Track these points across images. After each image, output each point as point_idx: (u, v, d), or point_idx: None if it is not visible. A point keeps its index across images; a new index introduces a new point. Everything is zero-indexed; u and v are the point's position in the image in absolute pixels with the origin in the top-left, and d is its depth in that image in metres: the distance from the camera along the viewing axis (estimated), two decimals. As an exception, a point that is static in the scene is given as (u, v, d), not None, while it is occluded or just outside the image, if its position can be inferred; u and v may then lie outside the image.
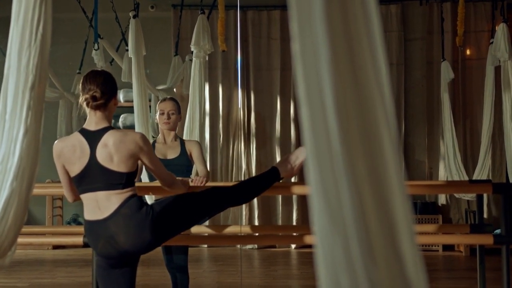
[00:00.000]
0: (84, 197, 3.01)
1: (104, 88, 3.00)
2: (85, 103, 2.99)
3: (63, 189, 3.18)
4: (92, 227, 2.99)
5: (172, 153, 4.42)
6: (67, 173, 3.04)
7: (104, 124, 2.99)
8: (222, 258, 7.86)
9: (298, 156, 3.38)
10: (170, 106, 4.45)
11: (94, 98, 2.97)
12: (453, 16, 8.26)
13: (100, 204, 2.96)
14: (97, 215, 2.97)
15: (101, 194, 2.95)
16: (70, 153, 2.96)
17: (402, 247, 1.33)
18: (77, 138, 2.97)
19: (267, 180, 3.41)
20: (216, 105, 8.89)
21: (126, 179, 2.96)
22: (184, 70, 7.51)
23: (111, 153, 2.92)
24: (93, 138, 2.96)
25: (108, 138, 2.93)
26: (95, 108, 2.98)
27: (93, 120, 3.00)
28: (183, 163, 4.43)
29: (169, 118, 4.41)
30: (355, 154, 1.33)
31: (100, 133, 2.96)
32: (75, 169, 2.97)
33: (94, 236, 3.00)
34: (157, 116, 4.47)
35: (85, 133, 2.98)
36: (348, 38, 1.35)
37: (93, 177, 2.94)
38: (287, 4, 1.40)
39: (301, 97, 1.37)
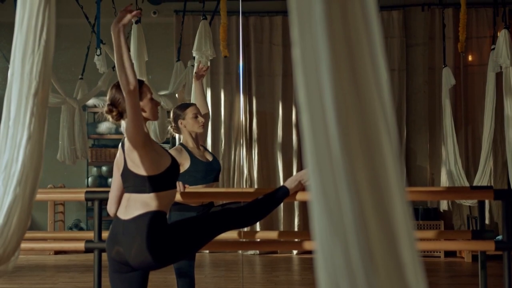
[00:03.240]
0: (123, 196, 3.15)
1: (116, 99, 3.09)
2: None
3: (108, 201, 3.27)
4: (115, 223, 3.08)
5: (208, 156, 4.40)
6: (119, 182, 3.17)
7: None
8: (224, 264, 7.86)
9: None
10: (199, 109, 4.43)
11: (107, 111, 3.09)
12: (455, 22, 8.27)
13: (128, 204, 3.06)
14: (122, 214, 3.06)
15: (132, 196, 3.06)
16: (118, 158, 3.15)
17: (402, 253, 1.33)
18: (120, 147, 3.14)
19: (277, 201, 3.45)
20: (218, 111, 8.90)
21: (150, 183, 3.02)
22: (186, 75, 7.52)
23: (129, 156, 3.03)
24: (123, 146, 3.10)
25: (126, 146, 3.05)
26: (115, 120, 3.12)
27: (122, 126, 3.13)
28: (219, 163, 4.47)
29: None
30: (356, 160, 1.34)
31: (125, 141, 3.08)
32: (120, 171, 3.13)
33: (112, 236, 3.06)
34: (187, 120, 4.32)
35: (121, 142, 3.14)
36: (348, 44, 1.36)
37: (126, 179, 3.09)
38: (288, 10, 1.41)
39: (301, 103, 1.38)
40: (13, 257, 2.46)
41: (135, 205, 3.02)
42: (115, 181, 3.22)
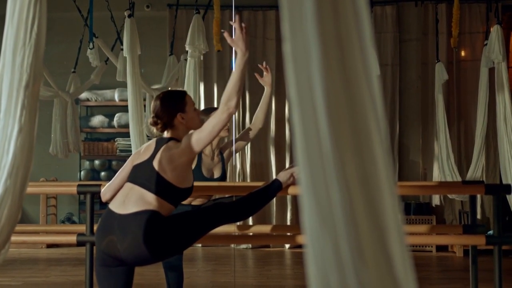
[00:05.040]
0: (124, 185, 3.17)
1: (160, 111, 3.22)
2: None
3: (107, 184, 3.34)
4: (108, 217, 3.06)
5: (217, 171, 4.31)
6: (127, 173, 3.21)
7: (169, 136, 3.23)
8: (216, 258, 7.87)
9: None
10: None
11: (152, 123, 3.24)
12: (448, 18, 8.28)
13: (128, 199, 3.07)
14: (118, 208, 3.07)
15: (135, 189, 3.08)
16: (144, 150, 3.22)
17: (391, 247, 1.34)
18: (153, 141, 3.23)
19: (270, 194, 3.45)
20: (211, 105, 8.87)
21: (161, 187, 3.06)
22: (179, 69, 7.51)
23: (165, 155, 3.09)
24: (160, 144, 3.17)
25: (162, 151, 3.12)
26: (160, 132, 3.25)
27: (165, 134, 3.26)
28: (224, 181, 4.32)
29: None
30: (345, 155, 1.34)
31: (165, 141, 3.17)
32: (138, 161, 3.18)
33: (104, 228, 3.05)
34: None
35: (158, 139, 3.23)
36: (339, 39, 1.36)
37: (142, 171, 3.13)
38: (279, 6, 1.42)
39: (292, 98, 1.38)
40: (3, 250, 2.46)
41: (136, 201, 3.03)
42: (124, 171, 3.25)
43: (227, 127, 4.29)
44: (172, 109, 3.22)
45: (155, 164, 3.09)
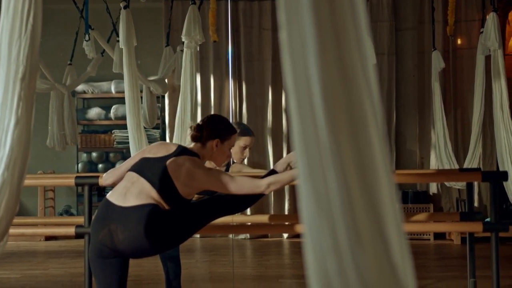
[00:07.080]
0: (127, 175, 3.19)
1: (206, 126, 3.32)
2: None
3: (110, 170, 3.41)
4: (106, 207, 3.07)
5: None
6: (132, 163, 3.24)
7: (195, 150, 3.29)
8: (214, 248, 7.89)
9: None
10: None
11: (194, 129, 3.31)
12: (444, 6, 8.27)
13: (129, 192, 3.08)
14: (118, 200, 3.08)
15: (140, 182, 3.09)
16: (160, 146, 3.26)
17: (388, 232, 1.35)
18: (174, 144, 3.29)
19: None
20: (207, 96, 8.89)
21: (168, 189, 3.09)
22: (175, 60, 7.50)
23: (182, 165, 3.13)
24: (182, 150, 3.22)
25: (186, 160, 3.16)
26: (191, 139, 3.32)
27: (191, 145, 3.34)
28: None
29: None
30: (342, 142, 1.35)
31: (186, 151, 3.23)
32: (149, 155, 3.21)
33: (102, 219, 3.06)
34: (235, 147, 4.11)
35: (180, 146, 3.28)
36: (335, 28, 1.36)
37: (151, 166, 3.15)
38: (275, -6, 1.42)
39: (288, 87, 1.39)
40: (2, 243, 2.46)
41: (138, 194, 3.05)
42: (132, 161, 3.27)
43: (245, 157, 4.30)
44: (216, 133, 3.32)
45: (169, 165, 3.12)
